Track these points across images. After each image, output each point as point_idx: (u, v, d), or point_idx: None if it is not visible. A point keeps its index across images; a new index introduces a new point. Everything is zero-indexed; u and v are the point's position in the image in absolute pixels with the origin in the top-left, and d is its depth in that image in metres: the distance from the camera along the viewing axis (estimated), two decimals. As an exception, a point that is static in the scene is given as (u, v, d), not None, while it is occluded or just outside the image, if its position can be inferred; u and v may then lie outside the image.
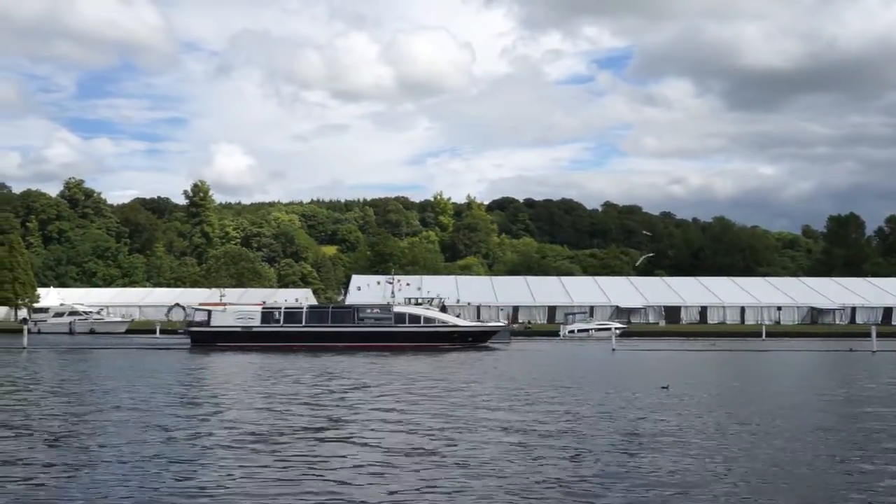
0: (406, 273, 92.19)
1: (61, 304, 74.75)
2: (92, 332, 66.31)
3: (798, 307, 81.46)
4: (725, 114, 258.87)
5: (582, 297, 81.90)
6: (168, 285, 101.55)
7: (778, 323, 77.57)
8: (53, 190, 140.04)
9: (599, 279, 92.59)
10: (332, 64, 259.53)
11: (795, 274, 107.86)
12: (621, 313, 78.76)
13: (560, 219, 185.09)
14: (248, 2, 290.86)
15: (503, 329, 54.70)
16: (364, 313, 48.68)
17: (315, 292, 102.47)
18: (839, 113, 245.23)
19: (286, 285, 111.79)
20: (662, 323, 78.88)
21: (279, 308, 49.87)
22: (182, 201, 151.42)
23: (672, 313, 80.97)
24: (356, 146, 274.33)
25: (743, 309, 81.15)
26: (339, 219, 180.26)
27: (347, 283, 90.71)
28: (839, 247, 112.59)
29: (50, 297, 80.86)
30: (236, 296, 75.92)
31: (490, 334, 51.41)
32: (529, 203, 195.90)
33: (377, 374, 28.28)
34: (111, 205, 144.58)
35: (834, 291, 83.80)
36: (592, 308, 78.72)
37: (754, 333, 65.28)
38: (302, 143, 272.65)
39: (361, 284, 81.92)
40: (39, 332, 63.41)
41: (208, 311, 49.07)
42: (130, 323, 71.88)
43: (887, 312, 78.54)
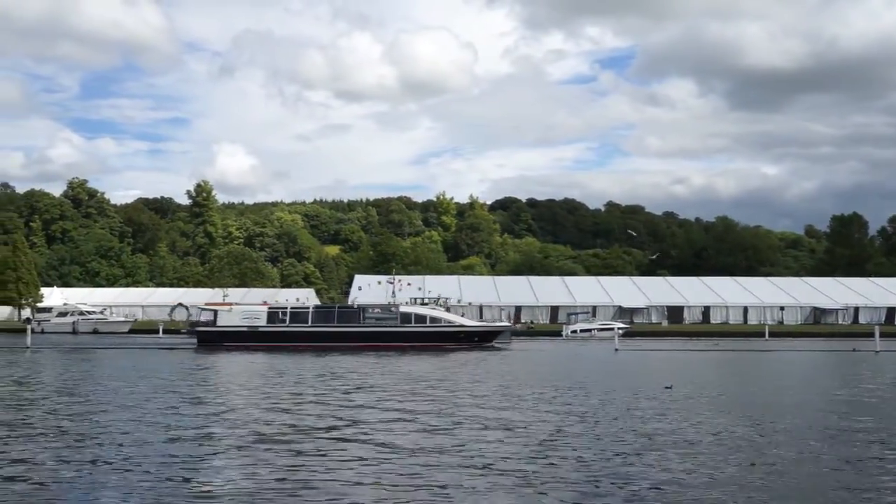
0: (409, 273, 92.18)
1: (65, 304, 74.90)
2: (95, 332, 66.49)
3: (801, 307, 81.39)
4: (728, 114, 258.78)
5: (585, 298, 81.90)
6: (171, 285, 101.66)
7: (781, 323, 77.48)
8: (57, 190, 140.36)
9: (602, 279, 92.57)
10: (335, 64, 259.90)
11: (798, 274, 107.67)
12: (624, 313, 78.71)
13: (563, 219, 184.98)
14: (251, 2, 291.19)
15: (505, 329, 54.70)
16: (370, 313, 48.80)
17: (318, 292, 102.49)
18: (842, 113, 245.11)
19: (289, 285, 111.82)
20: (665, 323, 78.83)
21: (285, 308, 49.99)
22: (185, 201, 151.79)
23: (675, 313, 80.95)
24: (359, 146, 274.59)
25: (746, 309, 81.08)
26: (342, 219, 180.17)
27: (350, 283, 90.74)
28: (842, 247, 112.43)
29: (53, 297, 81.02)
30: (239, 296, 76.05)
31: (496, 334, 51.48)
32: (532, 203, 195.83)
33: (383, 375, 28.31)
34: (114, 205, 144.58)
35: (837, 291, 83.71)
36: (595, 308, 78.73)
37: (757, 333, 65.25)
38: (305, 143, 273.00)
39: (363, 284, 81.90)
40: (43, 332, 63.55)
41: (214, 311, 49.22)
42: (133, 323, 72.08)
43: (890, 312, 78.45)
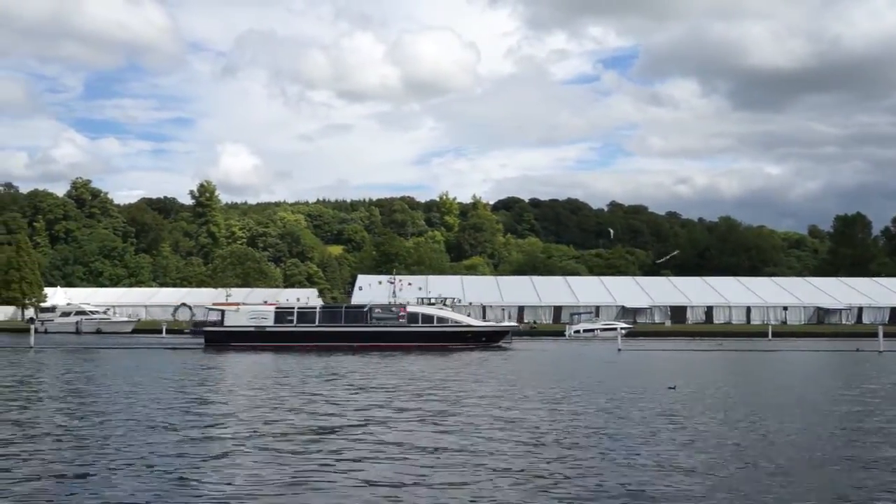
0: (411, 273, 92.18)
1: (68, 304, 75.01)
2: (98, 332, 66.57)
3: (804, 307, 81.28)
4: (731, 113, 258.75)
5: (587, 297, 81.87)
6: (174, 285, 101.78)
7: (784, 323, 77.38)
8: (60, 190, 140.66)
9: (605, 279, 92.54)
10: (338, 64, 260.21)
11: (802, 274, 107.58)
12: (627, 313, 78.66)
13: (566, 219, 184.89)
14: (254, 2, 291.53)
15: (511, 329, 54.77)
16: (377, 313, 48.85)
17: (321, 292, 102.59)
18: (846, 112, 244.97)
19: (292, 285, 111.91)
20: (668, 323, 78.77)
21: (292, 308, 50.09)
22: (188, 201, 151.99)
23: (678, 313, 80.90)
24: (362, 146, 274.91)
25: (749, 309, 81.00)
26: (345, 219, 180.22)
27: (353, 283, 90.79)
28: (846, 247, 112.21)
29: (57, 297, 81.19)
30: (242, 296, 76.04)
31: (503, 334, 51.52)
32: (535, 203, 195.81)
33: (391, 375, 28.30)
34: (118, 205, 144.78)
35: (840, 291, 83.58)
36: (598, 308, 78.70)
37: (760, 333, 65.15)
38: (307, 143, 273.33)
39: (363, 284, 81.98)
40: (46, 332, 63.66)
41: (221, 311, 49.32)
42: (137, 323, 72.15)
43: (894, 312, 78.31)
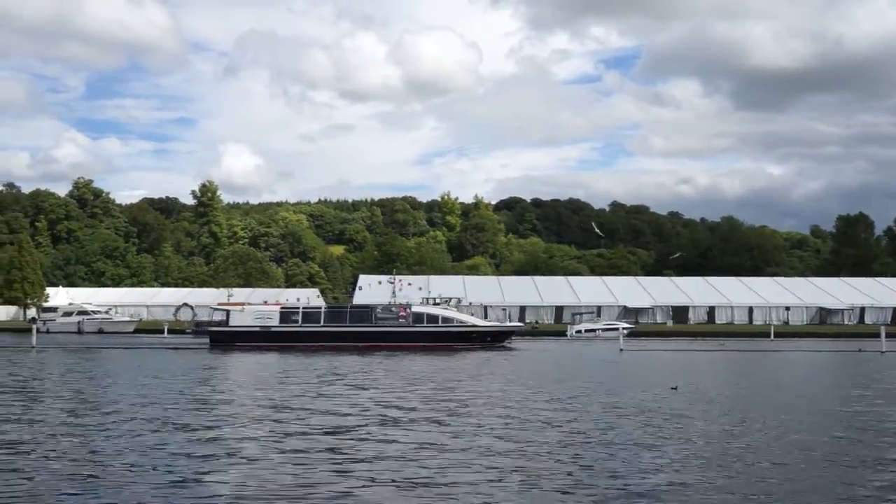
0: (413, 273, 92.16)
1: (70, 304, 75.08)
2: (100, 332, 66.62)
3: (806, 307, 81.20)
4: (733, 113, 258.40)
5: (589, 297, 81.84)
6: (176, 285, 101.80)
7: (786, 323, 77.29)
8: (62, 190, 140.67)
9: (607, 279, 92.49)
10: (340, 64, 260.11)
11: (804, 274, 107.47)
12: (629, 313, 78.64)
13: (567, 219, 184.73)
14: (256, 2, 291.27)
15: (517, 329, 55.00)
16: (381, 314, 48.83)
17: (322, 292, 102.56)
18: (848, 112, 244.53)
19: (294, 285, 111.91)
20: (670, 323, 78.72)
21: (297, 308, 50.07)
22: (190, 201, 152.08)
23: (680, 313, 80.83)
24: (363, 146, 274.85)
25: (751, 309, 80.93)
26: (347, 219, 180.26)
27: (355, 283, 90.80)
28: (848, 247, 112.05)
29: (59, 297, 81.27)
30: (244, 295, 75.90)
31: (508, 334, 51.48)
32: (537, 203, 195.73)
33: (400, 374, 28.25)
34: (119, 205, 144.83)
35: (843, 292, 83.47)
36: (600, 308, 78.65)
37: (762, 334, 65.10)
38: (309, 143, 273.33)
39: (365, 284, 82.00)
40: (48, 332, 63.68)
41: (227, 311, 49.30)
42: (139, 322, 72.21)
43: (896, 313, 78.28)
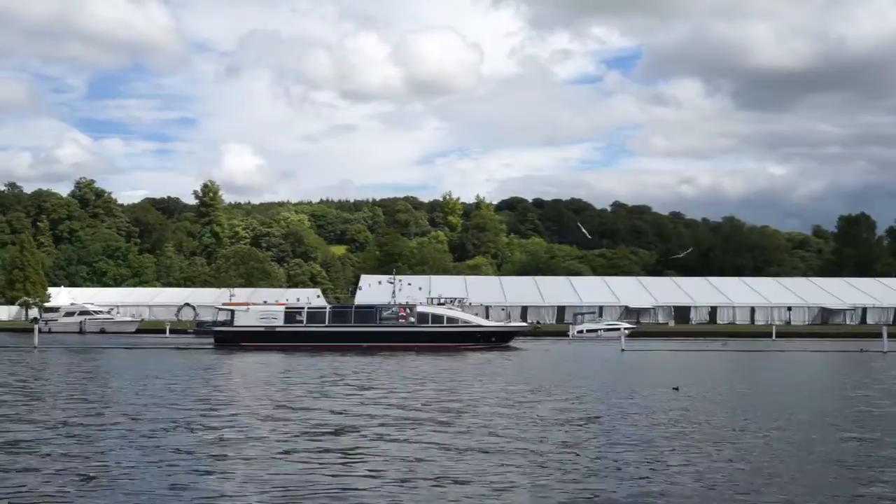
0: (415, 273, 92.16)
1: (72, 304, 75.12)
2: (102, 332, 66.64)
3: (808, 307, 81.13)
4: (735, 113, 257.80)
5: (591, 297, 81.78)
6: (178, 285, 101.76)
7: (788, 323, 77.22)
8: (64, 190, 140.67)
9: (608, 279, 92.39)
10: (341, 64, 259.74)
11: (806, 274, 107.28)
12: (630, 313, 78.59)
13: (569, 219, 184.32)
14: (258, 2, 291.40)
15: (522, 329, 55.13)
16: (387, 313, 48.84)
17: (324, 292, 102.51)
18: (850, 112, 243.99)
19: (295, 285, 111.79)
20: (672, 323, 78.67)
21: (302, 308, 50.12)
22: (192, 201, 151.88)
23: (681, 313, 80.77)
24: (365, 146, 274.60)
25: (753, 309, 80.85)
26: (348, 219, 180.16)
27: (356, 283, 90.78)
28: (850, 247, 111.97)
29: (60, 297, 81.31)
30: (245, 295, 75.86)
31: (513, 334, 51.52)
32: (538, 203, 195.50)
33: (403, 375, 28.21)
34: (121, 204, 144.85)
35: (844, 292, 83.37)
36: (601, 308, 78.57)
37: (764, 334, 65.07)
38: (311, 143, 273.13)
39: (365, 284, 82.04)
40: (50, 332, 63.75)
41: (231, 311, 49.32)
42: (140, 322, 72.22)
43: (898, 313, 78.16)
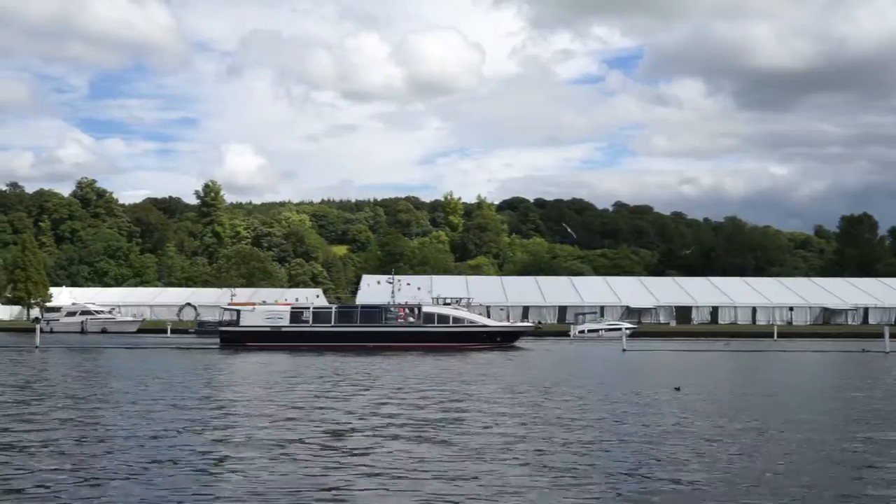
0: (416, 273, 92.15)
1: (73, 304, 75.18)
2: (104, 332, 66.71)
3: (810, 308, 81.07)
4: (737, 113, 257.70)
5: (592, 297, 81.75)
6: (179, 285, 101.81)
7: (790, 323, 77.17)
8: (66, 190, 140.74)
9: (610, 279, 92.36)
10: (343, 64, 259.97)
11: (807, 274, 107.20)
12: (632, 313, 78.56)
13: (571, 219, 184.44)
14: (259, 2, 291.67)
15: (527, 329, 55.33)
16: (392, 313, 48.81)
17: (325, 292, 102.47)
18: (852, 112, 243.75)
19: (297, 285, 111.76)
20: (673, 323, 78.64)
21: (308, 308, 50.10)
22: (193, 201, 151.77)
23: (683, 313, 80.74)
24: (366, 146, 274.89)
25: (754, 309, 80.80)
26: (350, 219, 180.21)
27: (358, 283, 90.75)
28: (852, 247, 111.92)
29: (62, 297, 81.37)
30: (247, 295, 76.00)
31: (518, 334, 51.53)
32: (540, 203, 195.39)
33: (408, 375, 28.13)
34: (123, 204, 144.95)
35: (846, 292, 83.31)
36: (603, 308, 78.56)
37: (766, 334, 65.05)
38: (312, 143, 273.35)
39: (368, 284, 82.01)
40: (52, 332, 63.81)
41: (237, 311, 49.30)
42: (142, 322, 72.26)
43: (900, 313, 78.04)
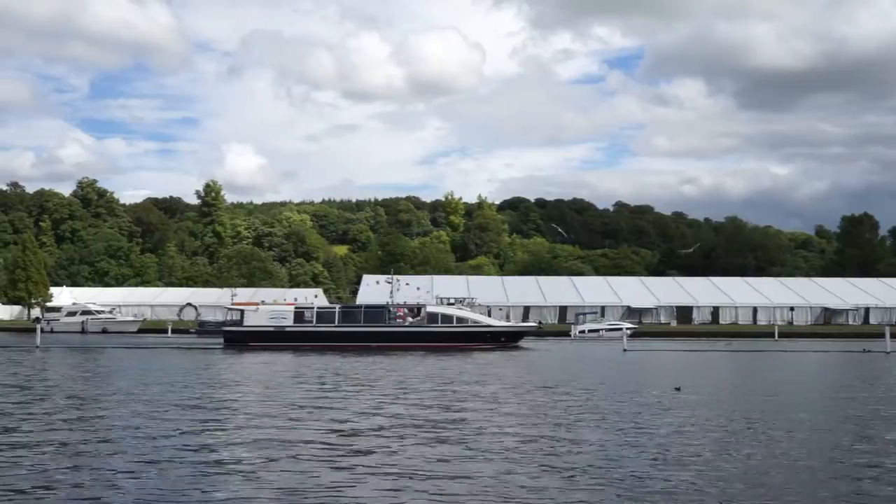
0: (417, 273, 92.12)
1: (74, 304, 75.21)
2: (104, 332, 66.71)
3: (811, 308, 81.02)
4: (737, 113, 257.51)
5: (593, 297, 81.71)
6: (179, 285, 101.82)
7: (790, 323, 77.11)
8: (66, 189, 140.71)
9: (611, 279, 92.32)
10: (343, 64, 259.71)
11: (808, 274, 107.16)
12: (633, 313, 78.53)
13: (571, 219, 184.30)
14: (260, 2, 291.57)
15: (531, 329, 55.48)
16: (395, 313, 48.77)
17: (326, 292, 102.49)
18: (852, 112, 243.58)
19: (297, 285, 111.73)
20: (674, 323, 78.59)
21: (312, 308, 50.19)
22: (194, 201, 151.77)
23: (684, 313, 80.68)
24: (367, 146, 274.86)
25: (755, 309, 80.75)
26: (350, 218, 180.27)
27: (359, 283, 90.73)
28: (852, 247, 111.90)
29: (62, 297, 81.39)
30: (247, 295, 75.94)
31: (522, 335, 51.55)
32: (541, 203, 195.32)
33: (412, 375, 28.11)
34: (123, 204, 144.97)
35: (847, 292, 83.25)
36: (604, 308, 78.55)
37: (766, 334, 65.02)
38: (313, 143, 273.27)
39: (364, 285, 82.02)
40: (52, 332, 63.84)
41: (241, 311, 49.37)
42: (142, 322, 72.26)
43: (901, 313, 77.98)
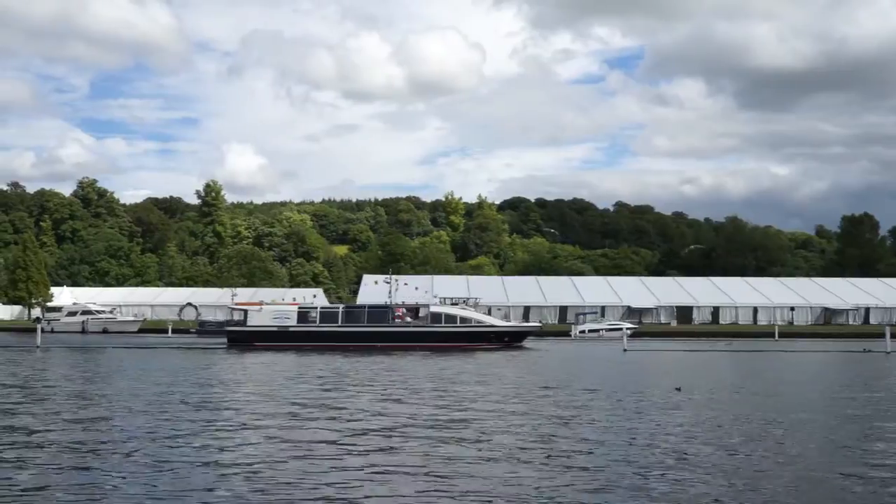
0: (417, 273, 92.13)
1: (74, 304, 75.25)
2: (105, 332, 66.75)
3: (811, 307, 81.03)
4: (738, 113, 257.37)
5: (593, 298, 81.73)
6: (180, 285, 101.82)
7: (791, 323, 77.12)
8: (67, 189, 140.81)
9: (611, 279, 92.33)
10: (344, 64, 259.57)
11: (808, 274, 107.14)
12: (633, 313, 78.54)
13: (571, 219, 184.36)
14: (260, 2, 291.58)
15: (534, 329, 55.54)
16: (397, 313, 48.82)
17: (326, 292, 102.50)
18: (853, 112, 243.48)
19: (297, 285, 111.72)
20: (674, 323, 78.59)
21: (315, 308, 50.26)
22: (194, 201, 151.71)
23: (684, 313, 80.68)
24: (367, 146, 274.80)
25: (755, 309, 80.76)
26: (351, 218, 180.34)
27: (359, 283, 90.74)
28: (853, 247, 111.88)
29: (63, 297, 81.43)
30: (247, 295, 76.01)
31: (525, 335, 51.55)
32: (541, 203, 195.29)
33: (415, 375, 28.06)
34: (124, 204, 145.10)
35: (847, 292, 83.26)
36: (604, 308, 78.58)
37: (767, 334, 65.03)
38: (313, 143, 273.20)
39: (364, 285, 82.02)
40: (53, 332, 63.87)
41: (244, 311, 49.46)
42: (143, 322, 72.28)
43: (901, 313, 77.98)
